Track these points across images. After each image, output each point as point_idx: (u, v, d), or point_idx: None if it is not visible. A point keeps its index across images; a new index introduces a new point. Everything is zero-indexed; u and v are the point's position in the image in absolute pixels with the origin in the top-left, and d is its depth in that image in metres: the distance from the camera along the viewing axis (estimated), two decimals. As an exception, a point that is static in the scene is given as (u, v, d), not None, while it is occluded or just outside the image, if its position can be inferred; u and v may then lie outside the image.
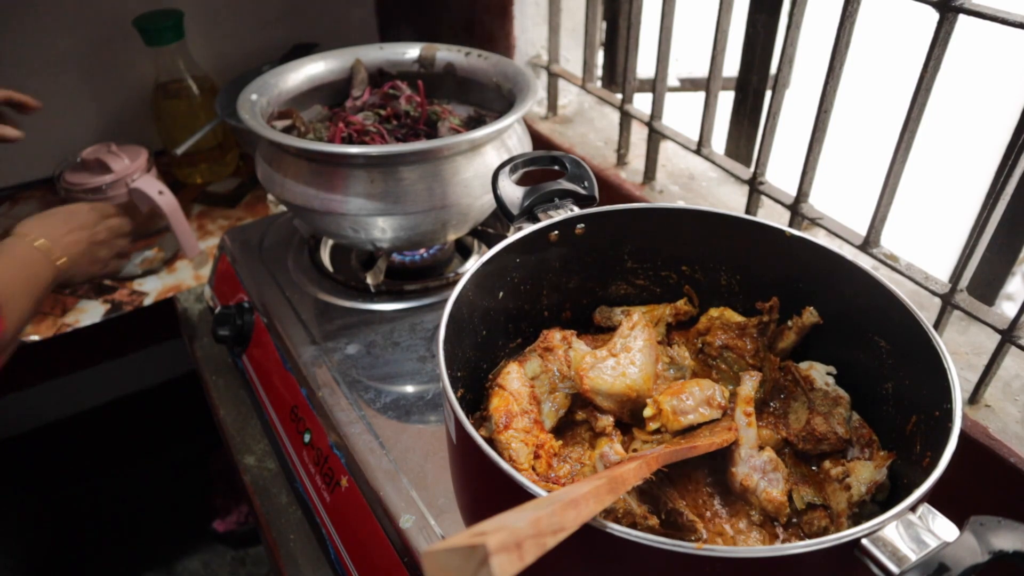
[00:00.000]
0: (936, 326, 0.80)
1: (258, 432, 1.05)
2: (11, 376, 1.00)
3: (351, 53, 1.13)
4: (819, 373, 0.65)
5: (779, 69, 0.89)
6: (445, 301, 0.59)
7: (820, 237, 0.75)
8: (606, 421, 0.62)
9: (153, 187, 1.21)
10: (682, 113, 1.17)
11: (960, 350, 0.83)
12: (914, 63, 0.74)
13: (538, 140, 1.31)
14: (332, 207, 0.91)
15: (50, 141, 1.40)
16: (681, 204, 0.89)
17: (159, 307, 1.28)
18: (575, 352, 0.64)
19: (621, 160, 1.21)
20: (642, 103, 1.16)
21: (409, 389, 0.89)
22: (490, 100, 1.10)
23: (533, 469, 0.59)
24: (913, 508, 0.44)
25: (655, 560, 0.42)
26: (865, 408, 0.64)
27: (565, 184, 0.72)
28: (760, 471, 0.58)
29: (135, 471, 1.92)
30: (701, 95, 1.03)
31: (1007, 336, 0.73)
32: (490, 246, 0.65)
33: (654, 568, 0.43)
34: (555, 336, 0.69)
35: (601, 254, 0.73)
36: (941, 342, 0.54)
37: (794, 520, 0.58)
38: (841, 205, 0.94)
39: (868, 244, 0.85)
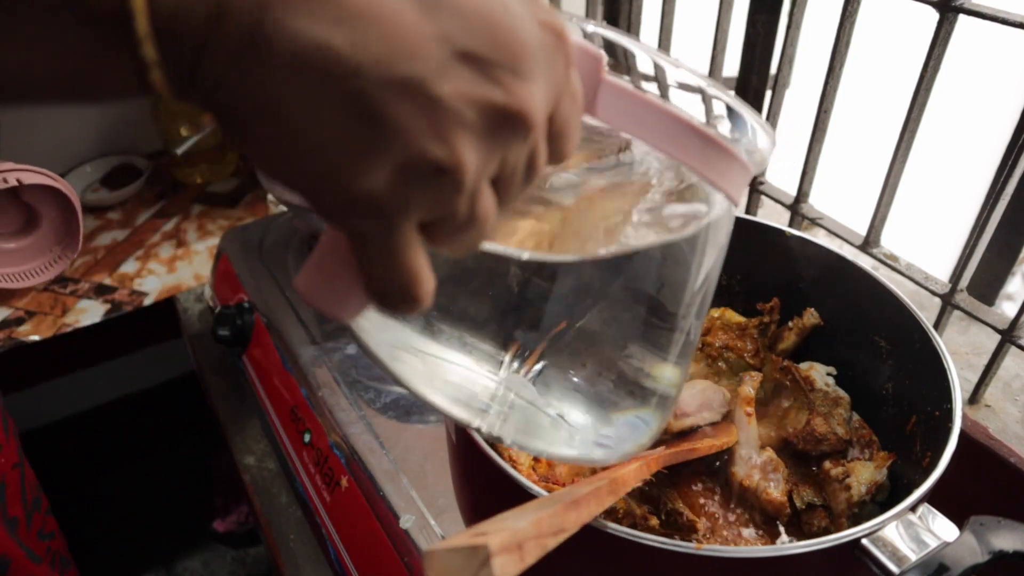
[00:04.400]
0: (936, 326, 0.80)
1: (258, 432, 1.05)
2: (11, 376, 1.00)
3: (351, 53, 1.12)
4: (819, 373, 0.65)
5: (779, 69, 0.89)
6: (445, 301, 0.59)
7: (820, 237, 0.75)
8: (606, 421, 0.62)
9: None
10: (682, 113, 1.16)
11: (960, 350, 0.83)
12: (914, 63, 0.74)
13: (538, 140, 1.31)
14: (332, 207, 0.90)
15: (50, 140, 1.39)
16: (681, 204, 0.89)
17: (159, 307, 1.28)
18: (575, 352, 0.64)
19: (621, 160, 1.21)
20: (642, 103, 1.16)
21: (409, 389, 0.89)
22: (490, 100, 1.10)
23: (533, 469, 0.59)
24: (913, 508, 0.44)
25: (655, 560, 0.42)
26: (865, 408, 0.64)
27: (565, 184, 0.71)
28: (760, 471, 0.58)
29: (135, 471, 1.92)
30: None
31: (1007, 336, 0.73)
32: (490, 246, 0.64)
33: (654, 568, 0.43)
34: (555, 336, 0.69)
35: (601, 254, 0.73)
36: (941, 342, 0.54)
37: (794, 520, 0.58)
38: (841, 205, 0.94)
39: (868, 244, 0.85)
